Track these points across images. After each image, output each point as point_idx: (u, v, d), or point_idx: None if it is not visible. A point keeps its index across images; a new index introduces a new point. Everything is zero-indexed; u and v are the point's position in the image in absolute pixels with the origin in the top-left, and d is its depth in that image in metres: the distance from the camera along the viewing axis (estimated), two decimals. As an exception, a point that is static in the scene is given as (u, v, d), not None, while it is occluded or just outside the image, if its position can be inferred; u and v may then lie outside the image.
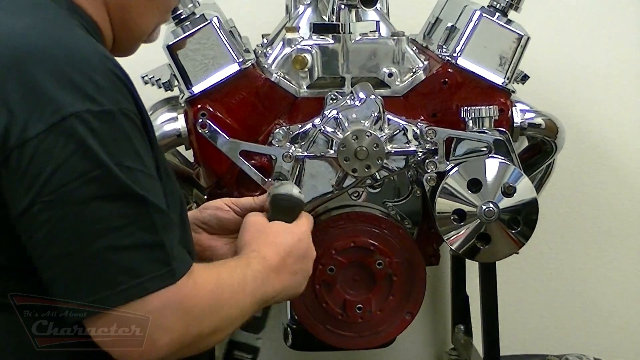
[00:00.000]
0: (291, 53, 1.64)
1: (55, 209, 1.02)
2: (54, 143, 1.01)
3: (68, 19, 1.11)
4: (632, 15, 2.11)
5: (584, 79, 2.13)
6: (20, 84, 1.03)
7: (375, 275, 1.62)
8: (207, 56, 1.62)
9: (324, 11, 1.72)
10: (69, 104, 1.02)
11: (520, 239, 1.59)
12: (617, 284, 2.17)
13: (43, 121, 1.02)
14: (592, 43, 2.12)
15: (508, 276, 1.83)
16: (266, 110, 1.65)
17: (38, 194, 1.02)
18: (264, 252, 1.20)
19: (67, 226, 1.02)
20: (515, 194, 1.58)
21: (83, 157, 1.02)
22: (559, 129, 1.78)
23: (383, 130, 1.61)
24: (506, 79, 1.67)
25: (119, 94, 1.06)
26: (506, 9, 1.67)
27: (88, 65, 1.05)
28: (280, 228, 1.25)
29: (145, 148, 1.08)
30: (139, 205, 1.05)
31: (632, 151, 2.14)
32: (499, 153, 1.59)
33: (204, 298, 1.08)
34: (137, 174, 1.05)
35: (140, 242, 1.04)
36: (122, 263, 1.03)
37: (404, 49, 1.67)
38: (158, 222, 1.06)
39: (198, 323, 1.08)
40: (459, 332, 2.01)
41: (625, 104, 2.14)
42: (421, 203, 1.69)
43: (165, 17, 1.28)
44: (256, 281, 1.15)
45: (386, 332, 1.65)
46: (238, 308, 1.13)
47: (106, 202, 1.03)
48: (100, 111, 1.03)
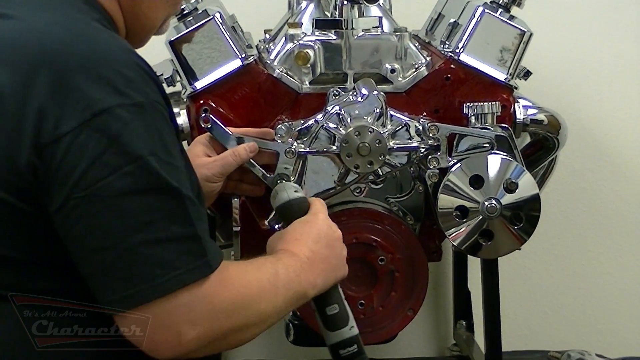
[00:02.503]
0: (294, 49, 1.64)
1: (90, 204, 1.03)
2: (87, 139, 1.03)
3: (85, 13, 1.13)
4: (634, 13, 2.11)
5: (587, 75, 2.13)
6: (49, 80, 1.03)
7: (378, 272, 1.61)
8: (210, 52, 1.62)
9: (327, 7, 1.71)
10: (100, 100, 1.03)
11: (523, 235, 1.59)
12: (619, 281, 2.17)
13: (75, 117, 1.03)
14: (595, 40, 2.12)
15: (510, 272, 1.85)
16: (268, 106, 1.65)
17: (73, 190, 1.03)
18: (292, 249, 1.22)
19: (102, 221, 1.04)
20: (517, 190, 1.57)
21: (116, 152, 1.03)
22: (561, 126, 1.78)
23: (385, 127, 1.60)
24: (509, 75, 1.66)
25: (147, 87, 1.07)
26: (509, 5, 1.67)
27: (115, 60, 1.06)
28: (297, 225, 1.27)
29: (173, 140, 1.09)
30: (173, 198, 1.06)
31: (635, 148, 2.14)
32: (502, 149, 1.59)
33: (231, 293, 1.09)
34: (168, 166, 1.06)
35: (175, 235, 1.05)
36: (159, 256, 1.04)
37: (406, 45, 1.67)
38: (192, 214, 1.07)
39: (226, 318, 1.09)
40: (460, 328, 2.01)
41: (627, 100, 2.13)
42: (423, 199, 1.67)
43: (174, 9, 1.29)
44: (288, 275, 1.17)
45: (388, 328, 1.64)
46: (270, 303, 1.14)
47: (140, 195, 1.04)
48: (131, 104, 1.05)
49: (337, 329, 1.27)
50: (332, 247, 1.27)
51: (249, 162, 1.57)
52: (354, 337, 1.27)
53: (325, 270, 1.24)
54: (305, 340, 1.65)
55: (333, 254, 1.26)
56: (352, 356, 1.27)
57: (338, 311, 1.27)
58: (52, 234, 1.06)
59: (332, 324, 1.26)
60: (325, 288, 1.25)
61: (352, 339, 1.27)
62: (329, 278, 1.25)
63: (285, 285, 1.16)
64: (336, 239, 1.28)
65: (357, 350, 1.26)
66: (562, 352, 1.93)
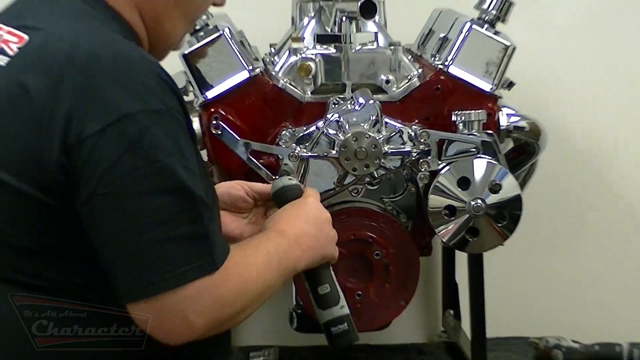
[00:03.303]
0: (297, 61, 1.65)
1: (110, 201, 1.03)
2: (109, 141, 1.03)
3: (109, 26, 1.13)
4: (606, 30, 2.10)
5: (565, 86, 2.12)
6: (76, 86, 1.04)
7: (373, 265, 1.63)
8: (220, 64, 1.63)
9: (327, 23, 1.73)
10: (122, 106, 1.03)
11: (506, 232, 1.60)
12: (592, 273, 2.17)
13: (99, 121, 1.03)
14: (572, 54, 2.12)
15: (494, 266, 1.79)
16: (273, 114, 1.66)
17: (96, 187, 1.03)
18: (281, 227, 1.20)
19: (120, 217, 1.03)
20: (501, 191, 1.59)
21: (135, 154, 1.03)
22: (541, 132, 1.79)
23: (381, 133, 1.61)
24: (494, 86, 1.67)
25: (165, 95, 1.07)
26: (494, 21, 1.68)
27: (137, 69, 1.06)
28: (288, 207, 1.25)
29: (188, 145, 1.09)
30: (187, 199, 1.05)
31: (608, 153, 2.14)
32: (487, 153, 1.60)
33: (234, 282, 1.08)
34: (183, 169, 1.06)
35: (186, 234, 1.05)
36: (169, 253, 1.04)
37: (400, 58, 1.68)
38: (204, 215, 1.06)
39: (230, 305, 1.08)
40: (448, 317, 2.02)
41: (601, 109, 2.13)
42: (415, 199, 1.69)
43: (190, 27, 1.29)
44: (279, 254, 1.15)
45: (383, 317, 1.66)
46: (265, 283, 1.13)
47: (157, 196, 1.04)
48: (151, 111, 1.04)
49: (328, 307, 1.24)
50: (319, 227, 1.24)
51: (255, 164, 1.58)
52: (345, 315, 1.25)
53: (312, 247, 1.21)
54: (307, 327, 1.67)
55: (321, 233, 1.24)
56: (342, 334, 1.24)
57: (329, 291, 1.24)
58: (75, 228, 1.06)
59: (324, 302, 1.24)
60: (314, 264, 1.23)
61: (343, 318, 1.25)
62: (315, 255, 1.22)
63: (277, 264, 1.15)
64: (324, 220, 1.25)
65: (347, 328, 1.24)
66: (541, 338, 1.92)
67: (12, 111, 1.06)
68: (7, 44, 1.10)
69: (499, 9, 1.67)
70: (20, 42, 1.10)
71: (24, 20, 1.12)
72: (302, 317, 1.66)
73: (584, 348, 1.86)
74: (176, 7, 1.20)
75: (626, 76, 2.13)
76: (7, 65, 1.09)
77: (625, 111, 2.14)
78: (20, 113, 1.05)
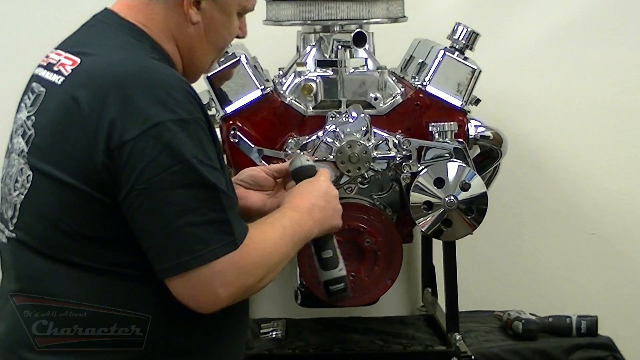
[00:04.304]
0: (300, 82, 1.69)
1: (147, 195, 1.06)
2: (145, 144, 1.06)
3: (150, 55, 1.16)
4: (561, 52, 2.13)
5: (523, 101, 2.14)
6: (118, 100, 1.07)
7: (364, 251, 1.66)
8: (237, 84, 1.67)
9: (326, 50, 1.76)
10: (156, 115, 1.06)
11: (474, 223, 1.63)
12: (547, 257, 2.19)
13: (137, 128, 1.06)
14: (530, 74, 2.14)
15: (465, 251, 1.81)
16: (282, 125, 1.69)
17: (134, 184, 1.06)
18: (294, 202, 1.22)
19: (156, 208, 1.06)
20: (470, 189, 1.61)
21: (168, 155, 1.06)
22: (503, 140, 1.83)
23: (370, 141, 1.65)
24: (463, 102, 1.70)
25: (191, 107, 1.10)
26: (463, 49, 1.71)
27: (168, 86, 1.09)
28: (303, 184, 1.27)
29: (211, 148, 1.12)
30: (210, 191, 1.08)
31: (557, 156, 2.17)
32: (458, 158, 1.63)
33: (254, 255, 1.10)
34: (207, 167, 1.08)
35: (212, 220, 1.07)
36: (199, 235, 1.06)
37: (386, 79, 1.71)
38: (225, 204, 1.09)
39: (251, 276, 1.10)
40: (427, 294, 2.05)
41: (552, 120, 2.15)
42: (399, 196, 1.71)
43: (218, 56, 1.34)
44: (293, 227, 1.17)
45: (372, 294, 1.68)
46: (281, 254, 1.14)
47: (186, 189, 1.06)
48: (179, 119, 1.07)
49: (329, 269, 1.26)
50: (328, 201, 1.24)
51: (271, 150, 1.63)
52: (342, 277, 1.27)
53: (321, 218, 1.22)
54: (309, 302, 1.70)
55: (329, 206, 1.24)
56: (339, 291, 1.26)
57: (331, 255, 1.26)
58: (119, 217, 1.09)
59: (326, 265, 1.25)
60: (322, 233, 1.23)
61: (341, 278, 1.26)
62: (324, 225, 1.23)
63: (290, 236, 1.15)
64: (333, 196, 1.26)
65: (343, 287, 1.26)
66: (504, 312, 1.93)
67: (67, 121, 1.09)
68: (64, 67, 1.14)
69: (467, 39, 1.69)
70: (74, 64, 1.14)
71: (79, 47, 1.17)
72: (306, 294, 1.68)
73: (540, 320, 1.89)
74: (207, 40, 1.23)
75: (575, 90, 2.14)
76: (62, 84, 1.13)
77: (573, 120, 2.16)
78: (73, 123, 1.09)
